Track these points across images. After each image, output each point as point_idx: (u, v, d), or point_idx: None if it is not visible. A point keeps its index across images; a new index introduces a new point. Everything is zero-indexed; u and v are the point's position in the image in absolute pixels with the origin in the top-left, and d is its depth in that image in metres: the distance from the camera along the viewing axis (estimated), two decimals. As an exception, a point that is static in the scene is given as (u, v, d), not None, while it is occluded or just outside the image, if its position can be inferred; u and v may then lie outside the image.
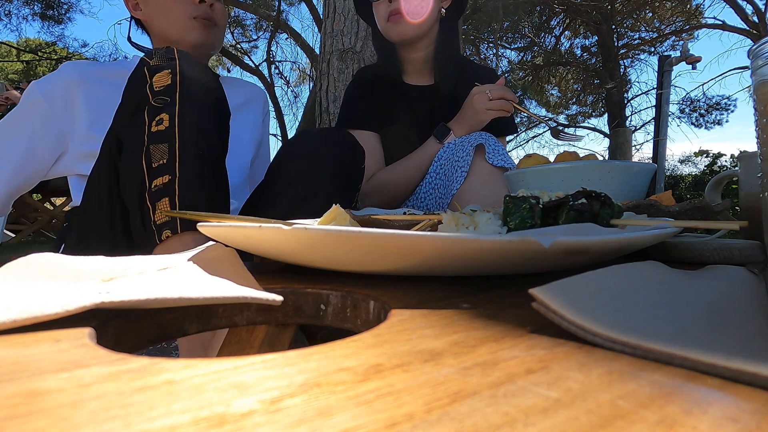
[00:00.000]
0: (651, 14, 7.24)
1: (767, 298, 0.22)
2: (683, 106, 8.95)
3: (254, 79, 6.91)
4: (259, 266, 0.36)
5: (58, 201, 3.43)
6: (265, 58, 7.36)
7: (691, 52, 3.86)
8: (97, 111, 0.76)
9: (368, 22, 1.07)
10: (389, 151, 1.02)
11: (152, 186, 0.50)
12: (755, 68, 0.31)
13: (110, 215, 0.57)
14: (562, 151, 0.67)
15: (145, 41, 0.91)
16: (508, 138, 1.09)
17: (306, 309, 0.27)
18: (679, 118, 8.93)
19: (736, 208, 2.22)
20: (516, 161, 1.00)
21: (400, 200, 0.99)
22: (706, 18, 7.32)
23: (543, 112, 9.91)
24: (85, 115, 0.76)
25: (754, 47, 0.31)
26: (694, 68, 4.03)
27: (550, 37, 7.61)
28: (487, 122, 0.90)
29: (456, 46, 1.04)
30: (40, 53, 8.63)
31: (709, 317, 0.18)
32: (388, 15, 0.94)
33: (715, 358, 0.13)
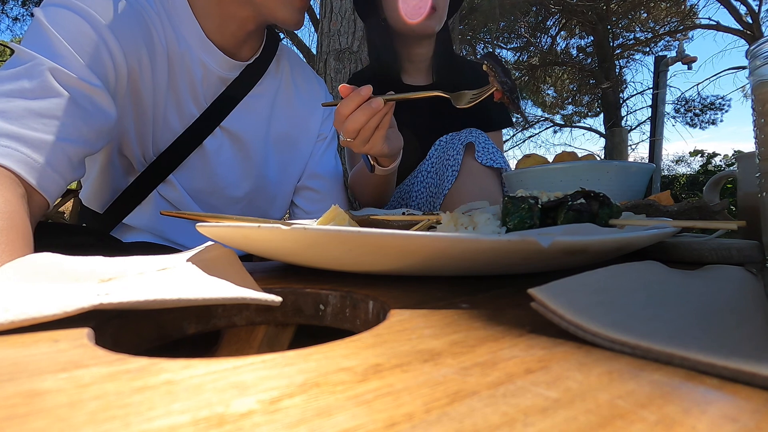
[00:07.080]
0: (646, 15, 7.28)
1: (766, 297, 0.22)
2: (678, 106, 9.00)
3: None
4: (258, 266, 0.36)
5: (57, 201, 3.40)
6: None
7: (686, 52, 3.87)
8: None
9: (364, 18, 1.05)
10: None
11: None
12: (753, 69, 0.31)
13: None
14: (560, 152, 0.67)
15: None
16: (504, 137, 1.07)
17: (305, 309, 0.27)
18: (674, 117, 8.99)
19: (732, 207, 2.23)
20: (514, 161, 0.99)
21: (379, 200, 0.84)
22: (700, 18, 7.36)
23: (539, 112, 9.95)
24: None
25: (752, 48, 0.31)
26: (689, 68, 4.04)
27: (546, 37, 7.64)
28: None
29: (451, 43, 1.04)
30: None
31: (708, 317, 0.18)
32: (418, 9, 0.91)
33: (713, 358, 0.13)
